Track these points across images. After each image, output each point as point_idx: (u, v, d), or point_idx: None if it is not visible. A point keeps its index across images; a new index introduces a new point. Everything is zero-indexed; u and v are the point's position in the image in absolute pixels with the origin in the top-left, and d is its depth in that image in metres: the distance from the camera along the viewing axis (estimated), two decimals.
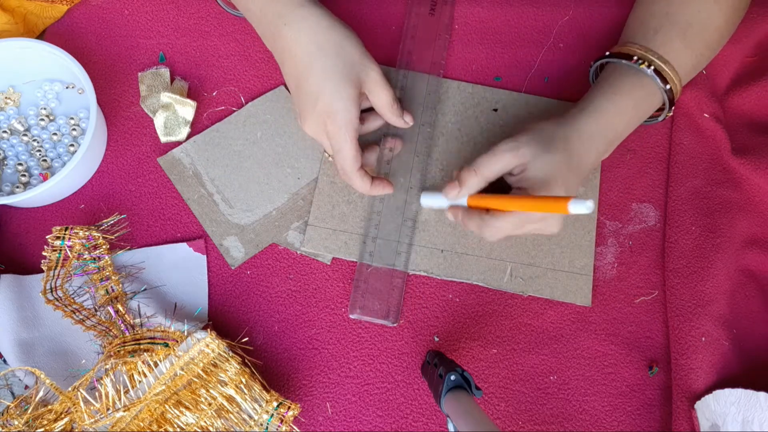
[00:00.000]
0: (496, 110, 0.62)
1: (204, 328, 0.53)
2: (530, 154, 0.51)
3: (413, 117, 0.58)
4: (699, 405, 0.52)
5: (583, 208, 0.41)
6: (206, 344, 0.50)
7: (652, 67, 0.53)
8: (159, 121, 0.60)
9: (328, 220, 0.59)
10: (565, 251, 0.58)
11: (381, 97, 0.55)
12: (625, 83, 0.54)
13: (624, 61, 0.54)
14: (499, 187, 0.54)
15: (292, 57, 0.53)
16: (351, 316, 0.56)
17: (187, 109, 0.60)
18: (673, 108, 0.56)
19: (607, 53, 0.56)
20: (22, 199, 0.55)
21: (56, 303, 0.53)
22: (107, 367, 0.50)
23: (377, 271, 0.57)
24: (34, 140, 0.61)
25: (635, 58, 0.54)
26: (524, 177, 0.52)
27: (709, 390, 0.52)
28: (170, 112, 0.60)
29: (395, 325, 0.56)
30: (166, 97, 0.59)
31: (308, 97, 0.53)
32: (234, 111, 0.63)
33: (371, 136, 0.60)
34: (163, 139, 0.60)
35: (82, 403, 0.48)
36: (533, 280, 0.58)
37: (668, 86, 0.54)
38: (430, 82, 0.62)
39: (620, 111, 0.54)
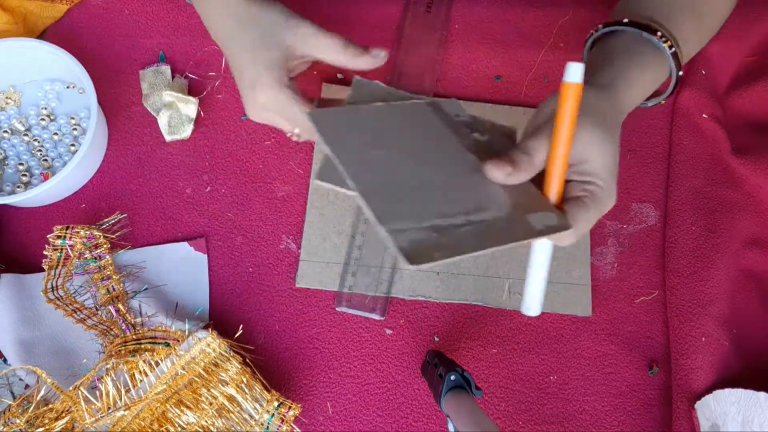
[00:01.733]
0: None
1: (205, 328, 0.53)
2: (589, 140, 0.41)
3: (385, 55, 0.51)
4: (699, 405, 0.52)
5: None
6: (207, 344, 0.50)
7: (673, 50, 0.49)
8: (163, 120, 0.60)
9: (321, 253, 0.58)
10: (561, 263, 0.58)
11: (324, 42, 0.49)
12: (648, 58, 0.49)
13: (645, 34, 0.49)
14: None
15: (215, 37, 0.51)
16: (337, 309, 0.57)
17: (190, 107, 0.60)
18: (668, 96, 0.53)
19: (626, 20, 0.50)
20: (23, 198, 0.55)
21: (57, 302, 0.53)
22: (108, 366, 0.50)
23: (365, 265, 0.57)
24: (35, 140, 0.61)
25: (659, 33, 0.48)
26: (585, 169, 0.42)
27: (709, 390, 0.52)
28: (173, 111, 0.60)
29: (383, 318, 0.56)
30: (168, 95, 0.59)
31: (236, 73, 0.50)
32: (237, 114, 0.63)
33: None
34: (168, 138, 0.60)
35: (83, 402, 0.48)
36: None
37: (680, 72, 0.50)
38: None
39: (644, 87, 0.49)
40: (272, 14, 0.49)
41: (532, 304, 0.43)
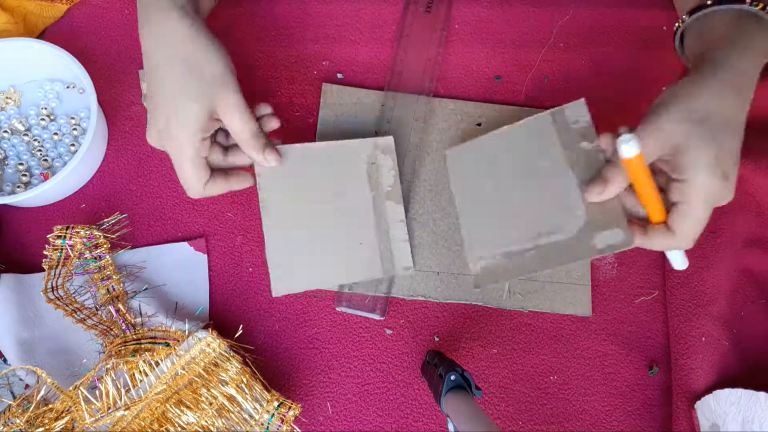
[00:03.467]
0: (479, 125, 0.62)
1: (205, 328, 0.53)
2: (680, 134, 0.43)
3: (280, 157, 0.52)
4: (699, 405, 0.52)
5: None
6: (207, 344, 0.50)
7: None
8: None
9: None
10: None
11: (235, 122, 0.48)
12: (756, 37, 0.47)
13: (750, 8, 0.46)
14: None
15: (147, 59, 0.49)
16: (337, 309, 0.57)
17: None
18: None
19: (709, 2, 0.48)
20: (23, 198, 0.55)
21: (57, 302, 0.53)
22: (108, 366, 0.50)
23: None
24: (35, 140, 0.61)
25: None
26: (678, 164, 0.44)
27: (709, 390, 0.52)
28: None
29: (383, 318, 0.56)
30: None
31: (150, 106, 0.49)
32: None
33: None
34: None
35: (83, 402, 0.48)
36: (532, 295, 0.57)
37: None
38: (420, 102, 0.61)
39: (756, 67, 0.46)
40: (208, 63, 0.48)
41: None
